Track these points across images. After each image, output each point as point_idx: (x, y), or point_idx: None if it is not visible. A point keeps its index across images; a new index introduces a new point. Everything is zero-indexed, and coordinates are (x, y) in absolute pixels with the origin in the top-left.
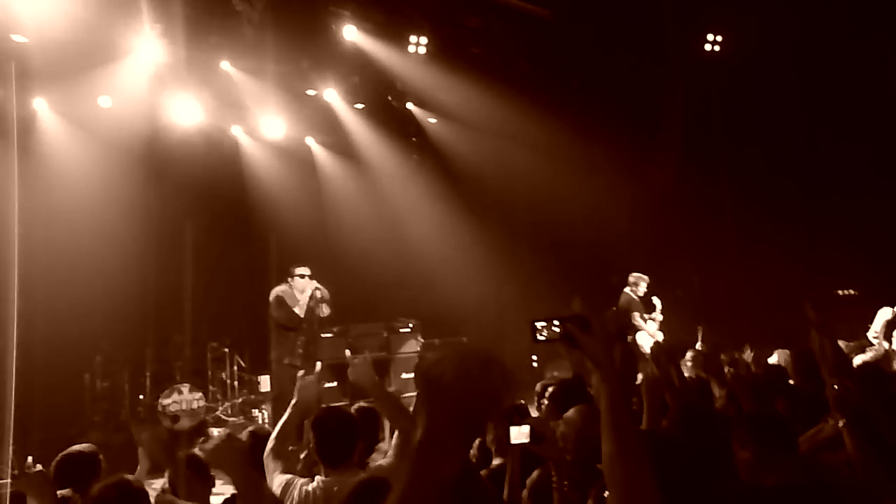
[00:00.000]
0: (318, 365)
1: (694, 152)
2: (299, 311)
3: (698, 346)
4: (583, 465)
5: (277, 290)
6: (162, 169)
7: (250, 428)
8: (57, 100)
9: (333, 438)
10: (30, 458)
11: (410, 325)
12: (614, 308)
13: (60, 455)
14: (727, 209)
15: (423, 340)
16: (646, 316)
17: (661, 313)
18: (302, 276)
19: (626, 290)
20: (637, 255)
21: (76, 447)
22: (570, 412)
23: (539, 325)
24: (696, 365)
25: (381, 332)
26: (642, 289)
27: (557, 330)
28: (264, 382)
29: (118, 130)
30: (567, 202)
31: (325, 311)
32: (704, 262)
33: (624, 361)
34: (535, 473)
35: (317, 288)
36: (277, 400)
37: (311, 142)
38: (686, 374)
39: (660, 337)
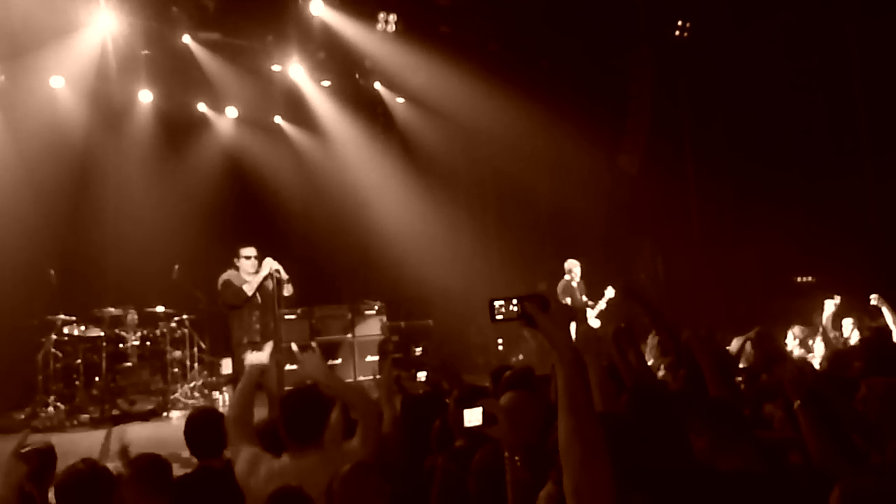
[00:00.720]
0: (269, 343)
1: (661, 137)
2: (247, 288)
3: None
4: (522, 449)
5: (224, 276)
6: (123, 147)
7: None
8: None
9: (300, 417)
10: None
11: (376, 307)
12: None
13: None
14: (692, 195)
15: (388, 322)
16: (588, 301)
17: (608, 302)
18: (248, 258)
19: (565, 277)
20: (603, 238)
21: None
22: (502, 398)
23: (497, 304)
24: (659, 353)
25: (346, 314)
26: (577, 274)
27: (516, 309)
28: (225, 365)
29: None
30: (534, 185)
31: (288, 289)
32: (669, 246)
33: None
34: (479, 455)
35: (276, 270)
36: (238, 383)
37: (275, 119)
38: (650, 361)
39: (595, 324)
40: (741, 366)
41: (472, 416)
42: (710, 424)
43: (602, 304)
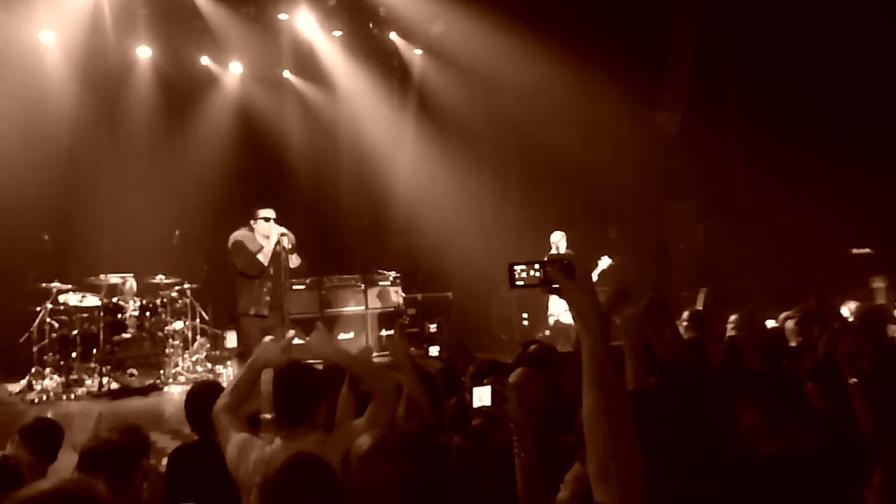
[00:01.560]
0: (292, 333)
1: (704, 92)
2: (262, 257)
3: (698, 306)
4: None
5: (237, 235)
6: (120, 106)
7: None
8: None
9: (292, 396)
10: None
11: (390, 278)
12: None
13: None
14: (738, 158)
15: (403, 295)
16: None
17: (601, 275)
18: (266, 220)
19: (551, 251)
20: (638, 204)
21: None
22: (511, 376)
23: (518, 269)
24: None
25: (358, 285)
26: (562, 248)
27: (538, 275)
28: (230, 338)
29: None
30: (564, 145)
31: (294, 261)
32: (711, 213)
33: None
34: (495, 434)
35: (283, 234)
36: (244, 356)
37: (283, 74)
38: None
39: None
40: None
41: (482, 395)
42: (762, 397)
43: (594, 276)
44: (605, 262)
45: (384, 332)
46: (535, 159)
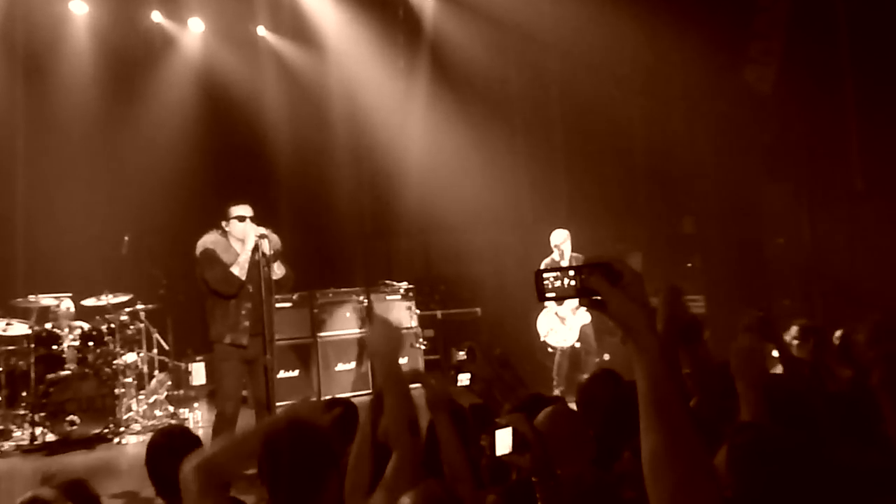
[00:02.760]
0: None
1: (806, 41)
2: (238, 270)
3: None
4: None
5: (206, 242)
6: (50, 79)
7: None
8: None
9: (293, 468)
10: None
11: (401, 290)
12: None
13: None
14: (852, 122)
15: (418, 312)
16: None
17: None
18: (241, 219)
19: (553, 255)
20: (723, 186)
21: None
22: (539, 416)
23: (549, 276)
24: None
25: (360, 300)
26: (566, 251)
27: (573, 283)
28: (197, 372)
29: None
30: (623, 112)
31: (277, 271)
32: (819, 196)
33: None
34: (511, 481)
35: (262, 236)
36: (217, 396)
37: (256, 31)
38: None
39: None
40: None
41: (503, 441)
42: None
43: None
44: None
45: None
46: (586, 132)
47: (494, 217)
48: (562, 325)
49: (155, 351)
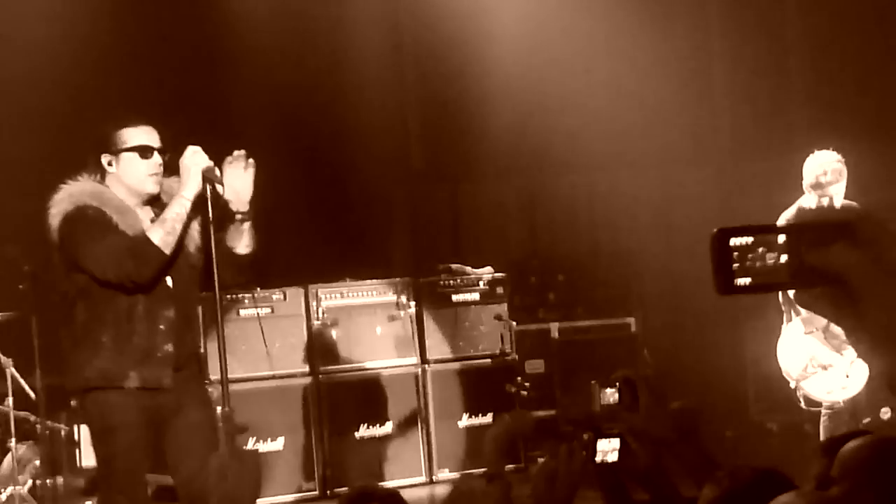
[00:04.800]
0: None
1: None
2: (163, 234)
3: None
4: None
5: (76, 194)
6: None
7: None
8: None
9: None
10: None
11: (482, 284)
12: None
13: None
14: None
15: (515, 324)
16: None
17: None
18: (142, 152)
19: (806, 198)
20: None
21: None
22: (851, 444)
23: (738, 242)
24: None
25: (401, 301)
26: (838, 188)
27: (784, 258)
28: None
29: None
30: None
31: (241, 240)
32: None
33: None
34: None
35: (209, 174)
36: (102, 490)
37: None
38: None
39: None
40: None
41: (607, 449)
42: None
43: None
44: None
45: (466, 419)
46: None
47: (662, 147)
48: (834, 358)
49: (9, 401)
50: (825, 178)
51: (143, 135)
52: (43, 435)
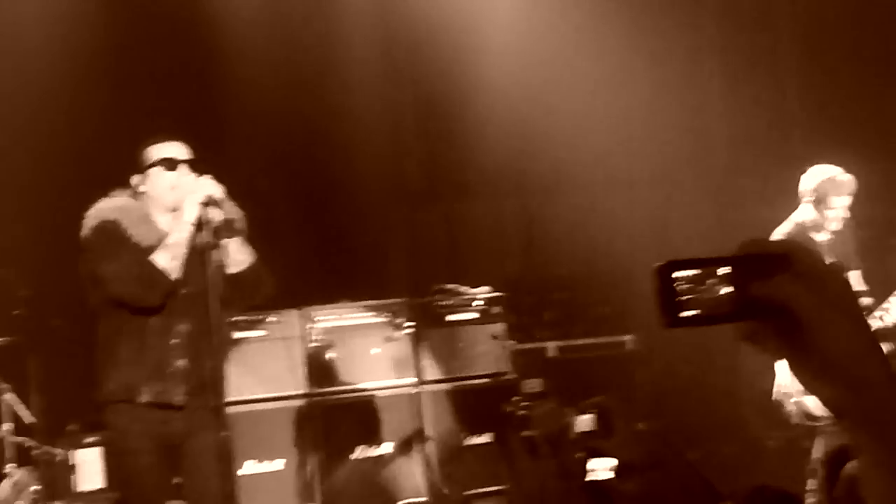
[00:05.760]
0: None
1: None
2: (167, 258)
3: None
4: None
5: (103, 211)
6: None
7: None
8: None
9: None
10: None
11: (478, 301)
12: None
13: None
14: None
15: (514, 344)
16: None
17: None
18: (170, 166)
19: (802, 212)
20: None
21: None
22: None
23: (680, 276)
24: None
25: (398, 322)
26: (839, 206)
27: (726, 289)
28: (86, 466)
29: None
30: None
31: (235, 257)
32: None
33: None
34: None
35: (209, 198)
36: None
37: None
38: None
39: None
40: None
41: (599, 468)
42: None
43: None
44: None
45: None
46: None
47: (658, 164)
48: None
49: (6, 427)
50: (820, 187)
51: (168, 148)
52: (43, 457)
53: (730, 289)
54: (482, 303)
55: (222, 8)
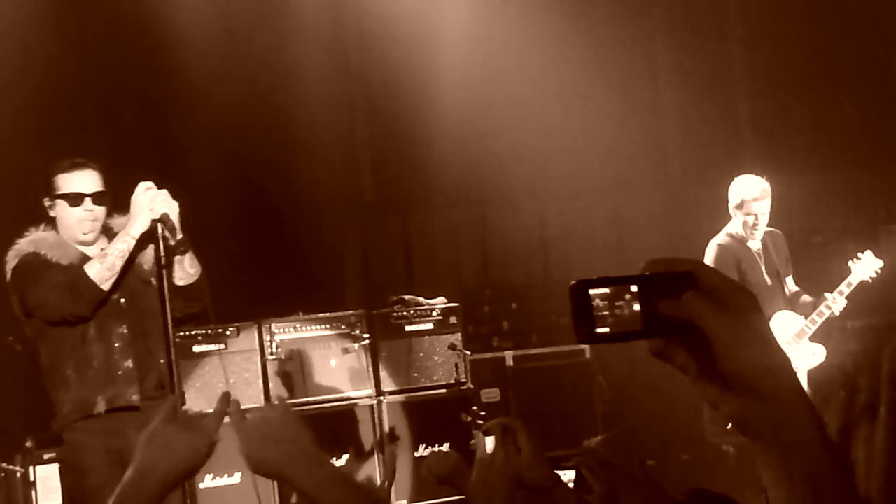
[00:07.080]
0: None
1: None
2: (100, 268)
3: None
4: None
5: (21, 248)
6: None
7: None
8: None
9: None
10: None
11: (435, 311)
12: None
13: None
14: None
15: (469, 353)
16: (795, 290)
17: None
18: (75, 202)
19: (732, 226)
20: None
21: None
22: None
23: (595, 293)
24: None
25: (356, 333)
26: (762, 216)
27: (635, 308)
28: (46, 482)
29: None
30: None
31: (184, 267)
32: None
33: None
34: None
35: (161, 220)
36: None
37: None
38: None
39: (809, 355)
40: None
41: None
42: None
43: (839, 303)
44: (864, 268)
45: (422, 449)
46: (782, 41)
47: (613, 173)
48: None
49: None
50: (751, 199)
51: (77, 180)
52: (1, 474)
53: (639, 306)
54: (439, 313)
55: (171, 20)
